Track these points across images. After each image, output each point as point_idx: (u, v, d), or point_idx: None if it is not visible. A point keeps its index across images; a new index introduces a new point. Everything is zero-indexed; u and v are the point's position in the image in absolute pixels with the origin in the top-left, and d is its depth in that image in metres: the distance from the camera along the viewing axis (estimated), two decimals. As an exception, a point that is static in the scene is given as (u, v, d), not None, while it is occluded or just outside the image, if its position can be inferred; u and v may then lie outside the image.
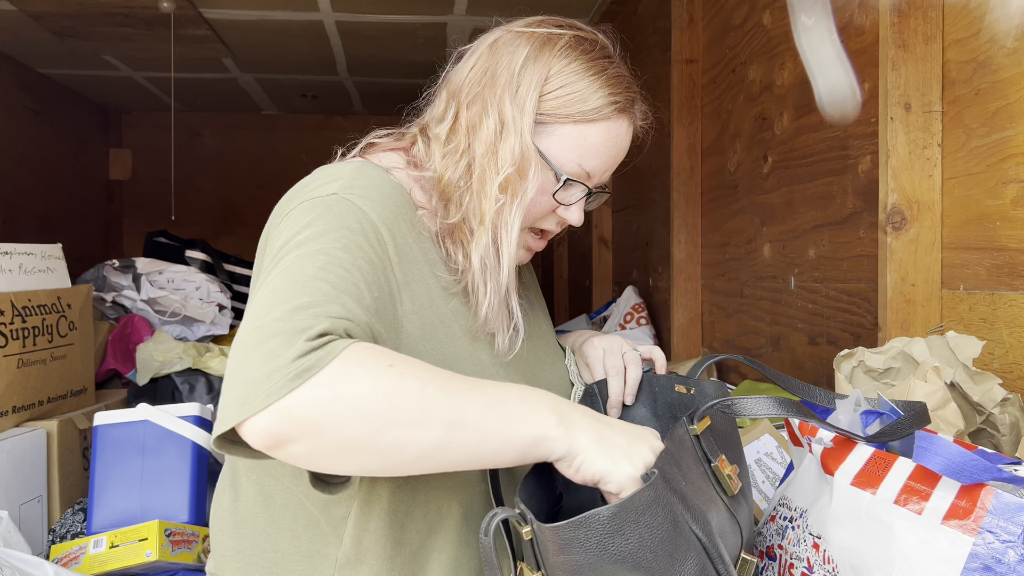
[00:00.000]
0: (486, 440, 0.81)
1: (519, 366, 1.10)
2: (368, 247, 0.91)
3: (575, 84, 1.03)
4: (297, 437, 0.75)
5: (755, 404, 0.86)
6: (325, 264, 0.85)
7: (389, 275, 0.93)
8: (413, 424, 0.77)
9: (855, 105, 1.69)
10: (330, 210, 0.91)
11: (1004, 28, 1.25)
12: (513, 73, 1.03)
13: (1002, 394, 1.15)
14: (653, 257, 3.19)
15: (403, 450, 0.78)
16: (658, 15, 3.02)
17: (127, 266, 3.07)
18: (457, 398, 0.79)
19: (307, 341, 0.75)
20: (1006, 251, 1.26)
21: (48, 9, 3.76)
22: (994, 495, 0.73)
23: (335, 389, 0.74)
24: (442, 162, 1.04)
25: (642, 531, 0.78)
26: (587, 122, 1.03)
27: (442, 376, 0.81)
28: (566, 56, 1.04)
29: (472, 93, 1.04)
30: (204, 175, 6.27)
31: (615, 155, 1.08)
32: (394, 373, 0.77)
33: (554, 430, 0.82)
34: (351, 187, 0.95)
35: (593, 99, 1.03)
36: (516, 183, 1.01)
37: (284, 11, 3.81)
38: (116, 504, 2.01)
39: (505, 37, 1.08)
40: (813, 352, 1.90)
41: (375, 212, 0.94)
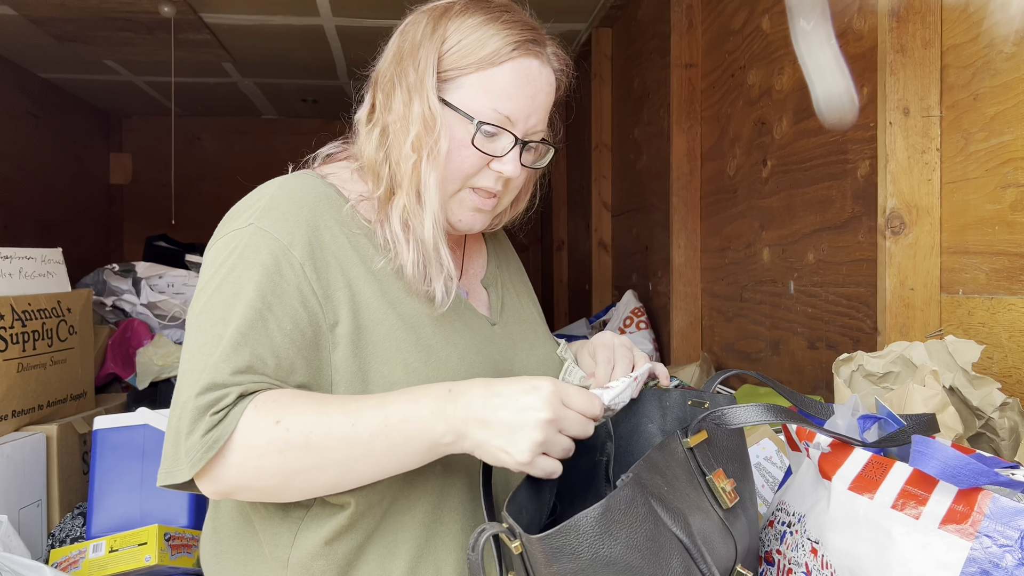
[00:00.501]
0: (382, 463, 0.91)
1: (493, 348, 1.12)
2: (279, 277, 0.97)
3: (472, 35, 1.06)
4: (235, 492, 0.92)
5: (745, 413, 0.86)
6: (234, 307, 0.94)
7: (307, 296, 0.98)
8: (311, 469, 0.90)
9: (852, 110, 1.69)
10: (245, 245, 0.98)
11: (1003, 32, 1.26)
12: (415, 45, 1.08)
13: (1001, 398, 1.15)
14: (653, 261, 3.19)
15: (316, 486, 0.92)
16: (658, 20, 3.03)
17: (127, 270, 3.07)
18: (341, 438, 0.89)
19: (212, 415, 0.89)
20: (1005, 255, 1.26)
21: (49, 14, 3.77)
22: (991, 499, 0.73)
23: (239, 456, 0.89)
24: (366, 144, 1.10)
25: (627, 532, 0.78)
26: (490, 66, 1.06)
27: (326, 417, 0.89)
28: (461, 16, 1.08)
29: (386, 76, 1.10)
30: (204, 179, 6.28)
31: (531, 95, 1.08)
32: (280, 430, 0.88)
33: (445, 437, 0.89)
34: (267, 213, 1.01)
35: (491, 43, 1.06)
36: (426, 139, 1.04)
37: (284, 16, 3.82)
38: (116, 508, 2.01)
39: (411, 19, 1.13)
40: (812, 356, 1.90)
41: (287, 236, 0.99)
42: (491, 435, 0.86)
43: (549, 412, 0.85)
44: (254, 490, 0.93)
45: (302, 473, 0.90)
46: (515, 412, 0.86)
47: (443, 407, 0.88)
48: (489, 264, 1.27)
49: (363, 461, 0.90)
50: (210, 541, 1.10)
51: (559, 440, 0.87)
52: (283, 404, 0.90)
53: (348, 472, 0.90)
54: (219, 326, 0.94)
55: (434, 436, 0.88)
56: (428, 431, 0.88)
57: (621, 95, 3.76)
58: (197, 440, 0.89)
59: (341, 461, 0.89)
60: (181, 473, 0.90)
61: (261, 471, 0.90)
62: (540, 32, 1.12)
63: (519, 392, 0.87)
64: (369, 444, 0.88)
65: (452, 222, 1.11)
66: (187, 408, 0.91)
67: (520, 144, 1.08)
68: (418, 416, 0.88)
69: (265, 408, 0.90)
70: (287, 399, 0.91)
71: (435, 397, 0.89)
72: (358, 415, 0.89)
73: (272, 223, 1.00)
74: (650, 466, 0.84)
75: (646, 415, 1.09)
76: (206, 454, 0.88)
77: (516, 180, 1.11)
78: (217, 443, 0.88)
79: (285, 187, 1.05)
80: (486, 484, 0.93)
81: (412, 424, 0.88)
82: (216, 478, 0.90)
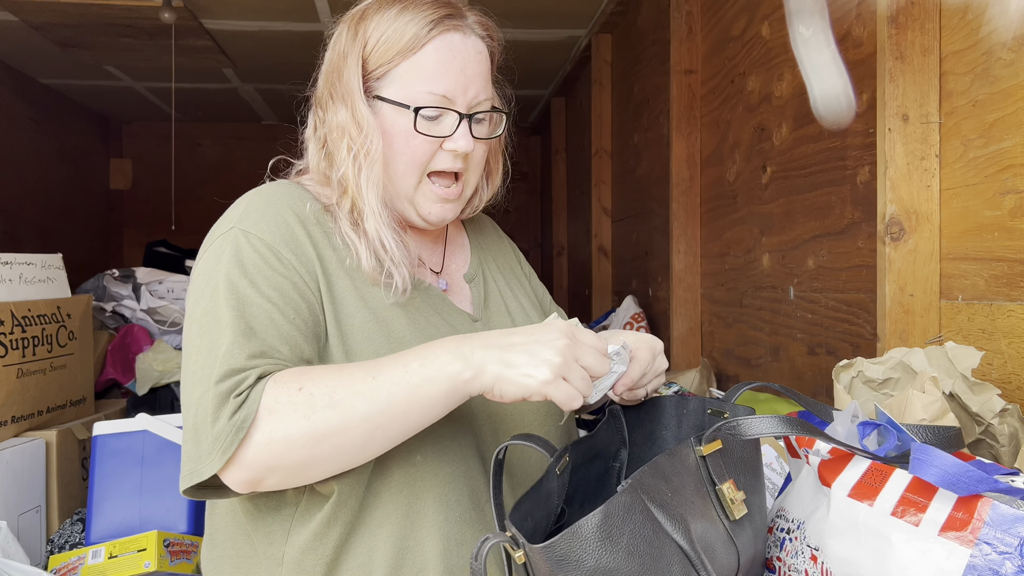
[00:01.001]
0: (407, 412, 0.91)
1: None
2: (272, 272, 1.00)
3: (389, 28, 1.09)
4: (264, 475, 0.91)
5: (761, 424, 0.85)
6: (234, 307, 0.96)
7: (301, 287, 1.01)
8: (338, 431, 0.90)
9: (850, 111, 1.69)
10: (235, 248, 1.01)
11: (1003, 39, 1.26)
12: (341, 54, 1.11)
13: (1001, 404, 1.15)
14: (652, 267, 3.19)
15: (343, 450, 0.92)
16: (658, 26, 3.03)
17: (127, 276, 3.07)
18: (364, 392, 0.90)
19: (235, 398, 0.90)
20: (1004, 262, 1.26)
21: (50, 20, 3.78)
22: (991, 506, 0.73)
23: (266, 431, 0.89)
24: (313, 158, 1.15)
25: (628, 537, 0.78)
26: (412, 52, 1.08)
27: (348, 376, 0.91)
28: (377, 14, 1.11)
29: (321, 91, 1.15)
30: (204, 185, 6.28)
31: (460, 68, 1.09)
32: (305, 395, 0.89)
33: (463, 374, 0.91)
34: (246, 216, 1.05)
35: (408, 30, 1.08)
36: (358, 142, 1.08)
37: (285, 22, 3.83)
38: (115, 514, 2.01)
39: (336, 31, 1.16)
40: (812, 362, 1.90)
41: (270, 235, 1.03)
42: (511, 363, 0.90)
43: (564, 338, 0.90)
44: (283, 468, 0.91)
45: (329, 437, 0.90)
46: (532, 338, 0.90)
47: (459, 347, 0.92)
48: (472, 258, 1.27)
49: (387, 412, 0.90)
50: (207, 547, 1.12)
51: (576, 369, 0.90)
52: (303, 372, 0.92)
53: (374, 428, 0.91)
54: (221, 325, 0.95)
55: (453, 373, 0.91)
56: (447, 368, 0.91)
57: (621, 101, 3.77)
58: (224, 424, 0.89)
59: (366, 415, 0.90)
60: (209, 466, 0.89)
61: (289, 442, 0.89)
62: (456, 6, 1.13)
63: (533, 327, 0.93)
64: (391, 393, 0.90)
65: (423, 216, 1.13)
66: (206, 398, 0.91)
67: (466, 118, 1.10)
68: (435, 357, 0.91)
69: (285, 379, 0.91)
70: (306, 369, 0.93)
71: (451, 341, 0.93)
72: (378, 369, 0.92)
73: (253, 224, 1.03)
74: (655, 471, 0.84)
75: (662, 422, 1.09)
76: (235, 436, 0.88)
77: (475, 155, 1.13)
78: (245, 423, 0.88)
79: (260, 192, 1.10)
80: (496, 488, 0.92)
81: (430, 366, 0.91)
82: (244, 463, 0.89)
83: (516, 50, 1.23)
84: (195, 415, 0.93)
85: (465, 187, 1.15)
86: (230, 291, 0.97)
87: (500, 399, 0.92)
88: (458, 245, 1.28)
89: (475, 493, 1.06)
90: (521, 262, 1.38)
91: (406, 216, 1.14)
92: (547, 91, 5.39)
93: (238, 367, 0.92)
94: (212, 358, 0.93)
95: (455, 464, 1.05)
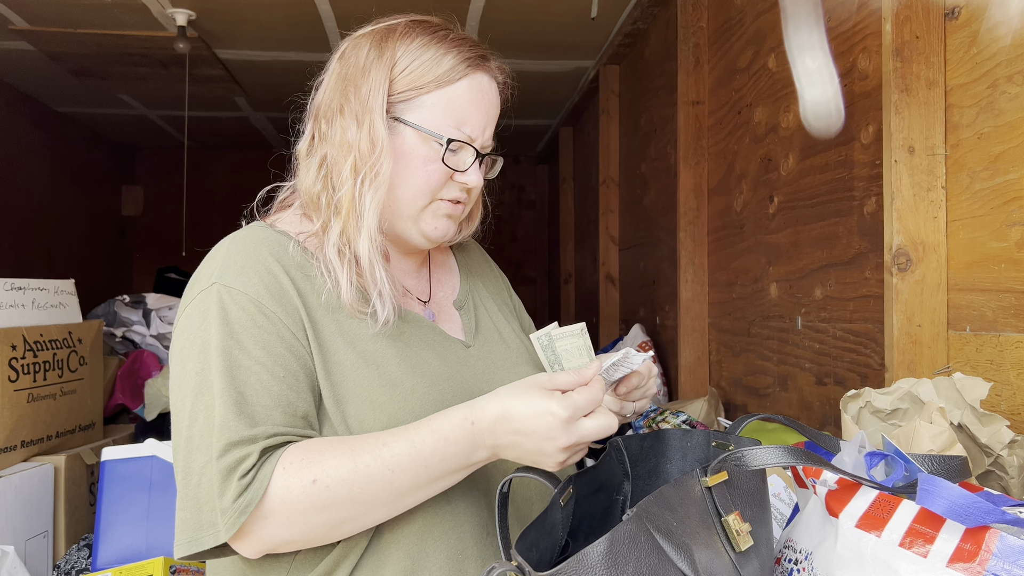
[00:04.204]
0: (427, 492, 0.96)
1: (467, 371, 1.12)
2: (258, 330, 0.98)
3: (424, 55, 1.09)
4: (278, 547, 0.94)
5: (766, 455, 0.86)
6: (223, 369, 0.95)
7: (289, 340, 1.00)
8: (358, 516, 0.94)
9: (839, 120, 1.71)
10: (218, 305, 0.99)
11: (1002, 44, 1.27)
12: (361, 69, 1.09)
13: (1010, 436, 1.15)
14: (660, 295, 3.19)
15: (365, 523, 0.96)
16: (665, 58, 3.06)
17: (137, 301, 3.09)
18: (384, 486, 0.92)
19: (240, 480, 0.90)
20: (1012, 293, 1.27)
21: (67, 49, 3.84)
22: (999, 538, 0.73)
23: (282, 516, 0.91)
24: (304, 176, 1.11)
25: (633, 566, 0.78)
26: (448, 84, 1.09)
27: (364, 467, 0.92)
28: (407, 37, 1.10)
29: (328, 104, 1.11)
30: (215, 212, 6.31)
31: (486, 110, 1.12)
32: (320, 488, 0.90)
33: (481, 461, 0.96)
34: (226, 269, 1.02)
35: (445, 61, 1.09)
36: (368, 162, 1.06)
37: (297, 52, 3.88)
38: (122, 540, 2.01)
39: (350, 44, 1.14)
40: (820, 392, 1.90)
41: (252, 288, 1.00)
42: (519, 454, 0.93)
43: (566, 440, 0.90)
44: (300, 542, 0.95)
45: (350, 519, 0.94)
46: (536, 443, 0.91)
47: (472, 439, 0.93)
48: (461, 283, 1.28)
49: (408, 497, 0.95)
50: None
51: (581, 445, 0.93)
52: (312, 460, 0.92)
53: (393, 507, 0.95)
54: (214, 391, 0.94)
55: (472, 461, 0.95)
56: (465, 460, 0.94)
57: (628, 131, 3.80)
58: (229, 505, 0.90)
59: (387, 502, 0.94)
60: (212, 538, 0.91)
61: (308, 526, 0.93)
62: (484, 48, 1.15)
63: (534, 419, 0.90)
64: (413, 483, 0.93)
65: (426, 233, 1.12)
66: (207, 472, 0.92)
67: (479, 157, 1.12)
68: (454, 455, 0.94)
69: (294, 468, 0.91)
70: (314, 454, 0.92)
71: (463, 433, 0.93)
72: (395, 462, 0.92)
73: (234, 278, 1.00)
74: (660, 501, 0.84)
75: (666, 455, 1.09)
76: (239, 518, 0.90)
77: (476, 190, 1.15)
78: (250, 507, 0.90)
79: (236, 242, 1.06)
80: (502, 521, 0.92)
81: (450, 461, 0.94)
82: (258, 538, 0.92)
83: (525, 80, 1.25)
84: (197, 486, 0.92)
85: (464, 211, 1.16)
86: (219, 354, 0.96)
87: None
88: (446, 270, 1.28)
89: (482, 529, 1.06)
90: (510, 292, 1.39)
91: (405, 235, 1.13)
92: (555, 121, 5.44)
93: (237, 440, 0.91)
94: (209, 426, 0.93)
95: (462, 500, 1.05)
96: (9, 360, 2.08)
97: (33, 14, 3.39)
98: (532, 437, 0.91)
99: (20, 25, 3.52)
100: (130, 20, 3.43)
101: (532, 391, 0.92)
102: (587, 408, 0.92)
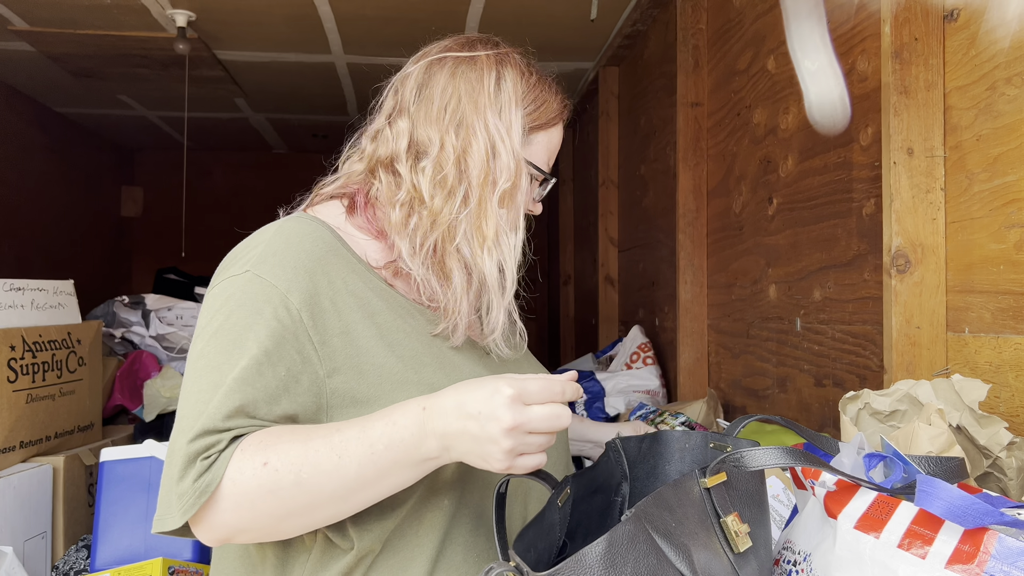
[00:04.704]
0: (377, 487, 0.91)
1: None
2: (276, 324, 0.96)
3: (541, 95, 1.15)
4: (232, 536, 0.92)
5: (764, 456, 0.86)
6: (229, 355, 0.94)
7: (303, 343, 0.97)
8: (306, 507, 0.90)
9: (845, 116, 1.71)
10: (242, 292, 0.98)
11: (1000, 47, 1.28)
12: (490, 93, 1.11)
13: (1008, 438, 1.15)
14: (659, 297, 3.20)
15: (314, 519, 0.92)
16: (664, 59, 3.07)
17: (137, 302, 3.09)
18: (330, 472, 0.88)
19: (202, 461, 0.89)
20: (1011, 295, 1.27)
21: (67, 50, 3.84)
22: (997, 539, 0.73)
23: (231, 501, 0.88)
24: (430, 192, 1.08)
25: (632, 566, 0.78)
26: (552, 126, 1.17)
27: (313, 453, 0.89)
28: (524, 73, 1.15)
29: (448, 121, 1.10)
30: (214, 212, 6.33)
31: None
32: (269, 471, 0.88)
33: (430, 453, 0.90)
34: (263, 260, 1.00)
35: (553, 104, 1.16)
36: (513, 195, 1.10)
37: (297, 53, 3.88)
38: (120, 541, 2.01)
39: (455, 60, 1.14)
40: (819, 393, 1.90)
41: (284, 283, 0.99)
42: (469, 448, 0.88)
43: (510, 420, 0.85)
44: (251, 532, 0.92)
45: (297, 511, 0.90)
46: (481, 425, 0.86)
47: (422, 427, 0.89)
48: None
49: (357, 491, 0.90)
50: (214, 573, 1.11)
51: (531, 440, 0.87)
52: (268, 444, 0.89)
53: (344, 502, 0.91)
54: (214, 374, 0.93)
55: (421, 455, 0.90)
56: (414, 452, 0.89)
57: (628, 132, 3.80)
58: (188, 486, 0.88)
59: (334, 494, 0.90)
60: (172, 521, 0.90)
61: (256, 513, 0.89)
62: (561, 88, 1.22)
63: (483, 400, 0.87)
64: (359, 474, 0.89)
65: None
66: (178, 455, 0.90)
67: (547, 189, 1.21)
68: (401, 440, 0.89)
69: (251, 450, 0.89)
70: (272, 438, 0.90)
71: (413, 418, 0.89)
72: (343, 447, 0.89)
73: (269, 270, 0.99)
74: (659, 502, 0.84)
75: (665, 457, 1.09)
76: (197, 500, 0.88)
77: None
78: (208, 489, 0.88)
79: (281, 233, 1.05)
80: (499, 522, 0.92)
81: (397, 449, 0.89)
82: (212, 525, 0.90)
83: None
84: (169, 464, 0.92)
85: None
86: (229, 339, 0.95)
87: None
88: None
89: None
90: None
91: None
92: (555, 122, 5.43)
93: (212, 427, 0.90)
94: (196, 411, 0.92)
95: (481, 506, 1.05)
96: (8, 361, 2.08)
97: (33, 15, 3.39)
98: (478, 419, 0.86)
99: (20, 26, 3.52)
100: (130, 21, 3.43)
101: (488, 377, 0.90)
102: (539, 396, 0.87)
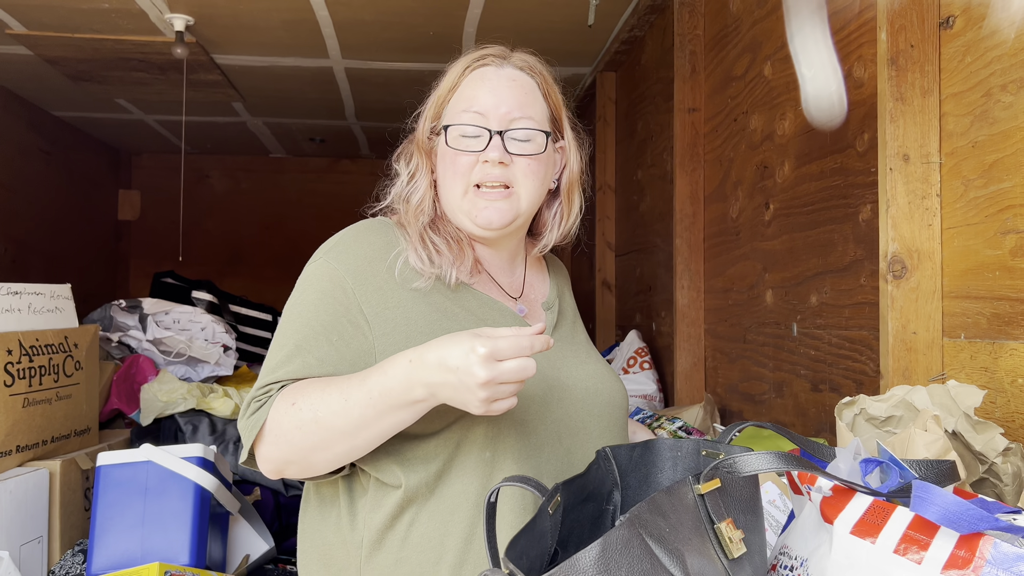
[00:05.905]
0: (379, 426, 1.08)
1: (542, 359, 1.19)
2: (332, 300, 1.18)
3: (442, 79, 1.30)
4: (281, 466, 1.13)
5: (757, 461, 0.86)
6: (296, 323, 1.18)
7: (355, 315, 1.18)
8: (325, 441, 1.09)
9: (842, 112, 1.72)
10: (315, 276, 1.21)
11: (996, 54, 1.28)
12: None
13: (1004, 443, 1.15)
14: (656, 301, 3.20)
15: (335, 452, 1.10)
16: (661, 65, 3.08)
17: (134, 306, 3.09)
18: (339, 412, 1.07)
19: (256, 403, 1.13)
20: (1006, 300, 1.27)
21: (65, 54, 3.84)
22: (993, 544, 0.74)
23: (273, 435, 1.11)
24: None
25: (625, 570, 0.78)
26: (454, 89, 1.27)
27: (328, 396, 1.08)
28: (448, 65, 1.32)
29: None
30: (212, 216, 6.33)
31: (490, 89, 1.24)
32: (295, 410, 1.09)
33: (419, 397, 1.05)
34: (334, 249, 1.23)
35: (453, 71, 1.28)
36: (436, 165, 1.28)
37: (295, 57, 3.89)
38: (117, 545, 2.00)
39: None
40: (816, 398, 1.90)
41: (344, 266, 1.20)
42: (450, 395, 1.02)
43: (484, 375, 0.98)
44: (293, 464, 1.12)
45: (320, 444, 1.08)
46: (459, 378, 0.99)
47: (409, 377, 1.04)
48: (550, 291, 1.41)
49: (363, 428, 1.07)
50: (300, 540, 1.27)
51: (503, 388, 1.00)
52: (298, 390, 1.10)
53: (354, 437, 1.08)
54: (283, 339, 1.17)
55: (410, 399, 1.05)
56: (404, 396, 1.05)
57: (625, 137, 3.81)
58: (245, 422, 1.12)
59: (344, 430, 1.07)
60: (244, 453, 1.14)
61: (291, 446, 1.09)
62: (499, 53, 1.28)
63: (460, 356, 0.99)
64: (362, 414, 1.06)
65: (477, 222, 1.24)
66: (247, 400, 1.14)
67: (498, 134, 1.22)
68: (392, 388, 1.05)
69: (287, 395, 1.10)
70: (302, 386, 1.11)
71: (402, 370, 1.04)
72: (348, 392, 1.07)
73: (335, 256, 1.21)
74: (653, 507, 0.85)
75: (657, 465, 1.09)
76: (251, 433, 1.11)
77: (518, 168, 1.23)
78: (257, 424, 1.10)
79: (355, 228, 1.27)
80: (490, 528, 0.93)
81: (390, 395, 1.05)
82: (263, 457, 1.12)
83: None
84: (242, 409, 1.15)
85: (517, 198, 1.24)
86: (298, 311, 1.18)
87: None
88: (539, 278, 1.42)
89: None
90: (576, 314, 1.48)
91: (464, 227, 1.26)
92: (552, 127, 5.44)
93: (273, 380, 1.13)
94: (267, 368, 1.15)
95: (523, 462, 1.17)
96: (5, 365, 2.08)
97: (31, 18, 3.39)
98: (456, 373, 0.99)
99: (18, 29, 3.52)
100: (128, 25, 3.44)
101: (466, 334, 1.01)
102: (510, 352, 0.99)
